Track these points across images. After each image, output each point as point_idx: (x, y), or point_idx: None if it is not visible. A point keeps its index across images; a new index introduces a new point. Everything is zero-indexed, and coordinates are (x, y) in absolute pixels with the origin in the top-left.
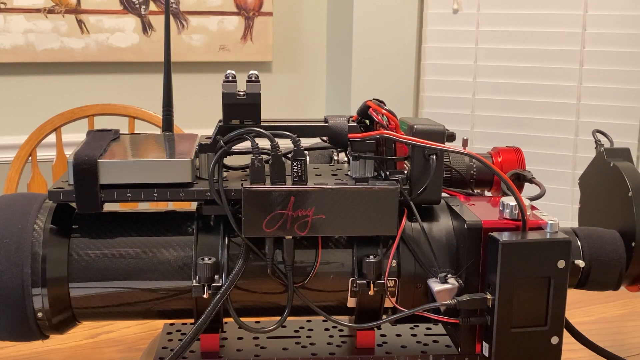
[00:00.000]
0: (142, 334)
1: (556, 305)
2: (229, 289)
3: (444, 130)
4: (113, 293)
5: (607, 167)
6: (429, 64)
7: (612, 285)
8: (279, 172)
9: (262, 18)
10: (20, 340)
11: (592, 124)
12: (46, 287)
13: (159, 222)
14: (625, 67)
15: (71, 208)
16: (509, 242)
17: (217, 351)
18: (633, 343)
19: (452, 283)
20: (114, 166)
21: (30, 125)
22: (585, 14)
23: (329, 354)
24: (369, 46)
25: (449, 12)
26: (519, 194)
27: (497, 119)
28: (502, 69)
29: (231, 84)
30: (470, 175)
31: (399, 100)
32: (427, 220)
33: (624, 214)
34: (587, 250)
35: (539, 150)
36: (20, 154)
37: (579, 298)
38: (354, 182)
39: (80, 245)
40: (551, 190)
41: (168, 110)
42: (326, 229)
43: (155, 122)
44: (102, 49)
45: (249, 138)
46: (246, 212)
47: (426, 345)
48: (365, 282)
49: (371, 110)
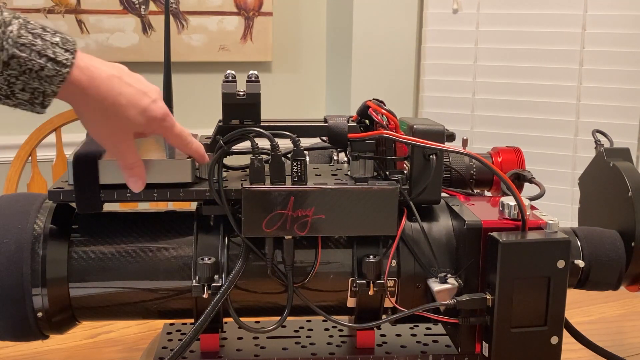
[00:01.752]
0: (142, 334)
1: (556, 305)
2: (228, 289)
3: (444, 130)
4: (113, 293)
5: (607, 167)
6: (429, 64)
7: (612, 285)
8: (279, 172)
9: (262, 18)
10: (20, 340)
11: (592, 124)
12: (46, 287)
13: (159, 222)
14: (625, 67)
15: (71, 208)
16: (509, 242)
17: (217, 351)
18: (633, 343)
19: (452, 283)
20: (114, 166)
21: (30, 125)
22: (585, 14)
23: (328, 354)
24: (369, 46)
25: (449, 12)
26: (518, 194)
27: (497, 119)
28: (502, 69)
29: (231, 84)
30: (470, 175)
31: (399, 100)
32: (426, 220)
33: (623, 214)
34: (586, 250)
35: (538, 150)
36: (20, 154)
37: (579, 298)
38: (353, 182)
39: (80, 245)
40: (551, 190)
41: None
42: (326, 228)
43: None
44: (102, 49)
45: (249, 138)
46: (246, 212)
47: (426, 345)
48: (365, 282)
49: (371, 110)
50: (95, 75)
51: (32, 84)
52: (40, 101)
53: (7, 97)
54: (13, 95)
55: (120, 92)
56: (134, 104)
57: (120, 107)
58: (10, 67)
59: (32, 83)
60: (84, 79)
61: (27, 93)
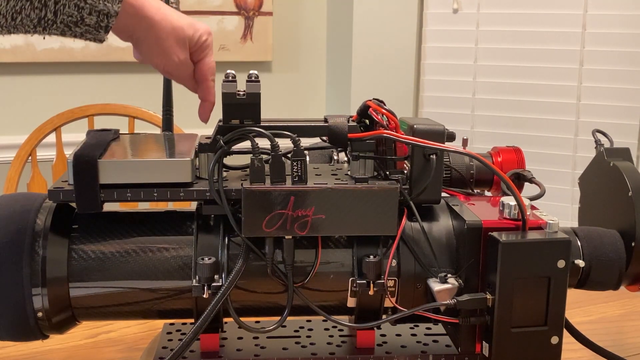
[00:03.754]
0: (142, 334)
1: (556, 305)
2: (229, 288)
3: (444, 130)
4: (113, 293)
5: (607, 167)
6: (429, 64)
7: (612, 285)
8: (279, 172)
9: (262, 18)
10: (20, 340)
11: (592, 123)
12: (46, 287)
13: (159, 222)
14: (625, 67)
15: (71, 208)
16: (509, 242)
17: (217, 351)
18: (633, 343)
19: (452, 283)
20: (113, 166)
21: (30, 125)
22: (585, 13)
23: (328, 354)
24: (369, 46)
25: (449, 12)
26: (518, 193)
27: (497, 118)
28: (502, 68)
29: (231, 84)
30: (470, 175)
31: (399, 100)
32: (427, 220)
33: (624, 213)
34: (587, 250)
35: (539, 150)
36: (20, 154)
37: (579, 298)
38: (353, 182)
39: (80, 245)
40: (551, 190)
41: (168, 110)
42: (326, 228)
43: (155, 122)
44: (102, 48)
45: (249, 138)
46: (246, 212)
47: (426, 345)
48: (365, 282)
49: (371, 110)
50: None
51: (98, 6)
52: (105, 24)
53: (76, 25)
54: (82, 21)
55: (167, 9)
56: (182, 17)
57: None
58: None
59: (98, 5)
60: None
61: (93, 17)
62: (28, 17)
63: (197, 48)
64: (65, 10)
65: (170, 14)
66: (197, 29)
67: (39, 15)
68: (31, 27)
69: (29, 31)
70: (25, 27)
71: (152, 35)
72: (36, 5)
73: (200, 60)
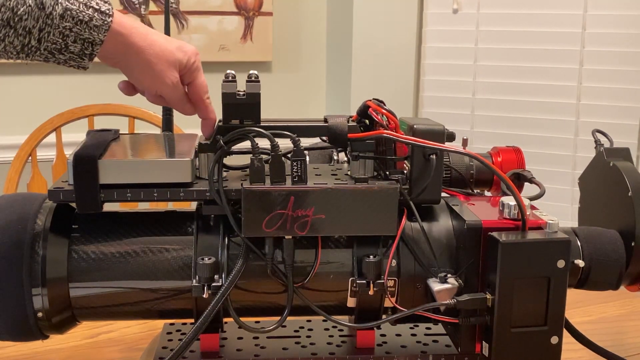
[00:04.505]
0: (142, 334)
1: (556, 305)
2: (228, 288)
3: (444, 130)
4: (113, 293)
5: (607, 167)
6: (429, 64)
7: (612, 285)
8: (279, 172)
9: (262, 18)
10: (20, 340)
11: (592, 123)
12: (46, 287)
13: (159, 222)
14: (625, 67)
15: (71, 208)
16: (509, 242)
17: (217, 351)
18: (633, 343)
19: (452, 283)
20: (114, 166)
21: (30, 125)
22: (585, 13)
23: (328, 354)
24: (369, 46)
25: (449, 12)
26: (518, 193)
27: (497, 118)
28: (502, 68)
29: (231, 84)
30: (470, 175)
31: (398, 100)
32: (426, 220)
33: (623, 213)
34: (586, 250)
35: (539, 150)
36: (20, 154)
37: (579, 298)
38: (353, 182)
39: (80, 245)
40: (551, 190)
41: (168, 110)
42: (326, 228)
43: (155, 122)
44: None
45: (249, 138)
46: (246, 212)
47: (426, 345)
48: (365, 282)
49: (371, 110)
50: (130, 23)
51: (83, 35)
52: (90, 52)
53: (60, 52)
54: (66, 48)
55: (154, 35)
56: (170, 41)
57: (160, 44)
58: (65, 19)
59: (83, 34)
60: (125, 25)
61: (78, 45)
62: (11, 45)
63: (187, 71)
64: (50, 37)
65: (157, 39)
66: (185, 51)
67: (22, 42)
68: (14, 53)
69: (11, 57)
70: (8, 54)
71: (143, 60)
72: (20, 32)
73: (191, 82)
